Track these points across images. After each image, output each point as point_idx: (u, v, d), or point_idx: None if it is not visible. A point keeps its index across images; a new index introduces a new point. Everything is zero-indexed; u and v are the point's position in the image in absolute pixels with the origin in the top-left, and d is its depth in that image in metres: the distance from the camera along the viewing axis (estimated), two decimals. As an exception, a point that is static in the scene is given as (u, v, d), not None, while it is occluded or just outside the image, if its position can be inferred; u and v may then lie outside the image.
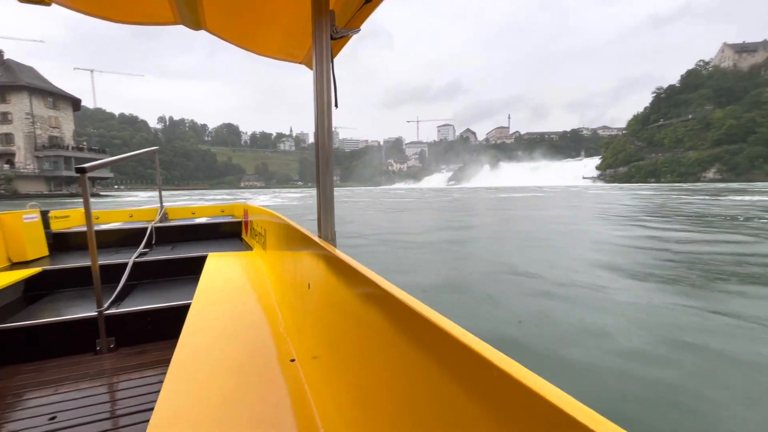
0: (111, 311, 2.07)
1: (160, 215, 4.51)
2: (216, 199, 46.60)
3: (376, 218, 17.32)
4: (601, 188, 71.04)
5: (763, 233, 10.59)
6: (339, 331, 1.03)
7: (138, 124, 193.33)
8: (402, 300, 0.69)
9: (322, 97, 1.40)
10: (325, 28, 1.37)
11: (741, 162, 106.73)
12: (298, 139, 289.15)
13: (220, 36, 1.99)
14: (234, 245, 3.79)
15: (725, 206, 20.71)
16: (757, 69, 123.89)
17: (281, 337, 1.47)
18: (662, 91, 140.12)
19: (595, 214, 17.51)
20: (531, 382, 0.41)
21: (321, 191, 1.46)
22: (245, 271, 2.54)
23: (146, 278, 2.89)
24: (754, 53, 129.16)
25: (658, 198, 29.86)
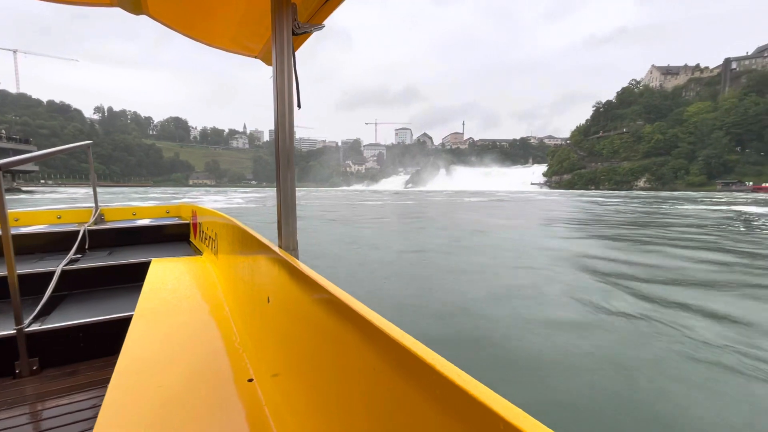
0: (33, 328, 1.84)
1: (94, 216, 4.05)
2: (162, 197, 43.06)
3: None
4: (552, 194, 75.12)
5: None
6: (302, 348, 0.99)
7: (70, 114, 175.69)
8: (366, 317, 0.68)
9: (284, 96, 1.32)
10: (286, 23, 1.30)
11: (666, 173, 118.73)
12: (252, 137, 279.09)
13: (163, 23, 1.78)
14: (181, 249, 3.47)
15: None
16: (679, 90, 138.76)
17: (237, 355, 1.36)
18: (601, 105, 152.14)
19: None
20: (491, 400, 0.43)
21: (282, 197, 1.38)
22: (195, 279, 2.35)
23: (78, 288, 2.59)
24: (676, 75, 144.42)
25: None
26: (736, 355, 3.62)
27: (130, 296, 2.42)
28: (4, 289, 1.86)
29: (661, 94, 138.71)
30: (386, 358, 0.62)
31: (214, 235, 2.84)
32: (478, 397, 0.44)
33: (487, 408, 0.43)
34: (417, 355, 0.54)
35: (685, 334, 4.13)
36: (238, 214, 17.69)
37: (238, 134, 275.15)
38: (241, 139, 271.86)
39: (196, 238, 3.75)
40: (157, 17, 1.73)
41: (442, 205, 27.32)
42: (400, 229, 14.19)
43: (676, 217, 19.81)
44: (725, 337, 4.06)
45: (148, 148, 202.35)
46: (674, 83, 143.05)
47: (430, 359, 0.53)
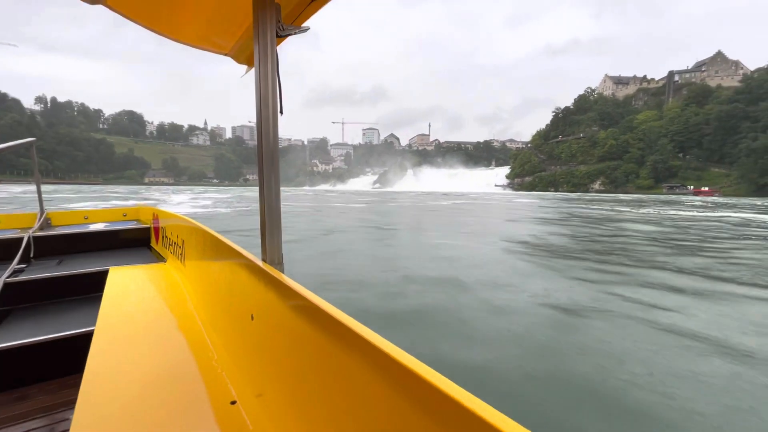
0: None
1: (39, 221, 3.68)
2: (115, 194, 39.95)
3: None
4: (519, 195, 78.35)
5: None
6: (290, 368, 0.95)
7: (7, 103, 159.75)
8: (359, 333, 0.67)
9: (267, 101, 1.25)
10: (270, 24, 1.23)
11: (619, 176, 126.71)
12: (213, 134, 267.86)
13: (122, 14, 1.61)
14: (142, 256, 3.21)
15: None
16: (629, 99, 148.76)
17: (216, 375, 1.27)
18: (560, 111, 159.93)
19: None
20: (493, 417, 0.43)
21: (266, 207, 1.28)
22: (160, 288, 2.20)
23: (23, 303, 2.34)
24: (627, 85, 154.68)
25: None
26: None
27: (84, 310, 2.24)
28: None
29: (614, 102, 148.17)
30: (381, 376, 0.61)
31: (180, 241, 2.62)
32: (475, 410, 0.44)
33: (487, 423, 0.43)
34: (414, 372, 0.54)
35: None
36: (221, 227, 16.54)
37: (199, 130, 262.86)
38: (202, 136, 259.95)
39: (158, 244, 3.47)
40: (116, 8, 1.56)
41: (419, 210, 25.81)
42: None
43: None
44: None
45: (98, 142, 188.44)
46: (625, 92, 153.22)
47: (425, 374, 0.52)
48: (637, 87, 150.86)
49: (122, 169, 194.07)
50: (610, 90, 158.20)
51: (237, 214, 19.96)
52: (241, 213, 20.89)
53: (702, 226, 17.23)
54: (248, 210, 22.24)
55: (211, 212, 21.48)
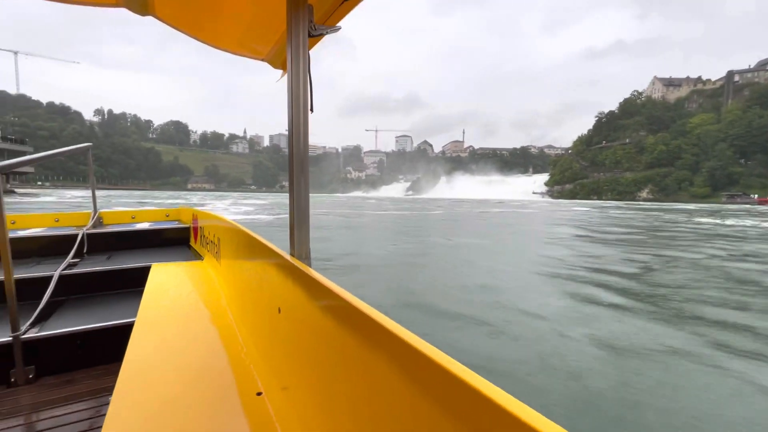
0: (30, 335, 1.78)
1: (93, 220, 3.97)
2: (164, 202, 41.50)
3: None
4: (573, 204, 73.30)
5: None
6: (315, 361, 0.95)
7: (70, 116, 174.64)
8: (387, 327, 0.65)
9: (298, 99, 1.28)
10: (302, 24, 1.25)
11: (670, 184, 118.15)
12: (252, 142, 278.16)
13: (170, 24, 1.75)
14: (181, 254, 3.43)
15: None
16: (681, 102, 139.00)
17: (245, 367, 1.32)
18: (603, 116, 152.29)
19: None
20: (523, 413, 0.41)
21: (295, 204, 1.34)
22: (196, 285, 2.31)
23: (76, 294, 2.52)
24: (679, 87, 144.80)
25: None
26: None
27: (129, 302, 2.37)
28: (1, 294, 1.81)
29: (664, 106, 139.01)
30: (407, 372, 0.60)
31: (216, 240, 2.76)
32: (504, 405, 0.43)
33: (515, 418, 0.41)
34: (444, 368, 0.52)
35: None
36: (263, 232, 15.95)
37: (238, 139, 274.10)
38: (241, 144, 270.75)
39: (196, 243, 3.66)
40: (164, 18, 1.69)
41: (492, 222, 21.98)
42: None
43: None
44: None
45: (147, 151, 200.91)
46: (677, 95, 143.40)
47: (457, 371, 0.51)
48: (691, 89, 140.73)
49: (168, 175, 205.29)
50: (659, 92, 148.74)
51: (282, 224, 18.04)
52: (284, 222, 18.42)
53: None
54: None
55: (252, 219, 20.57)
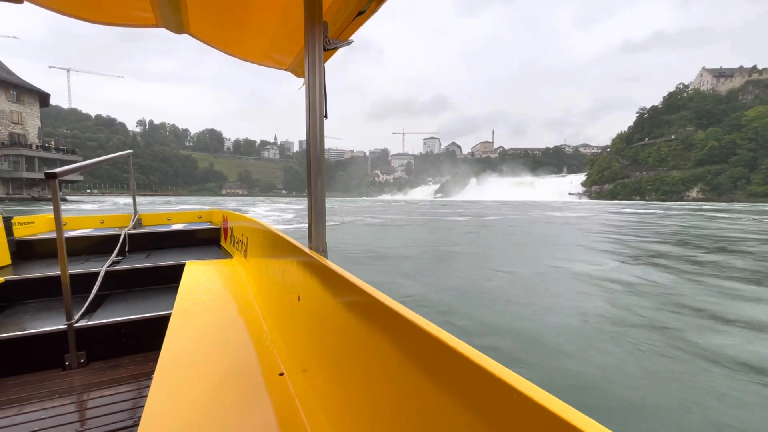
0: (82, 324, 1.95)
1: (133, 221, 4.35)
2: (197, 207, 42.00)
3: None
4: (619, 206, 66.40)
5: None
6: (332, 344, 1.01)
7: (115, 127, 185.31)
8: (398, 311, 0.68)
9: (315, 107, 1.38)
10: (318, 39, 1.36)
11: (723, 182, 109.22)
12: (282, 147, 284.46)
13: (202, 40, 1.94)
14: (212, 253, 3.66)
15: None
16: (734, 93, 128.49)
17: (268, 350, 1.43)
18: (645, 111, 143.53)
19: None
20: (536, 394, 0.41)
21: (312, 201, 1.43)
22: (226, 281, 2.45)
23: (119, 288, 2.75)
24: (731, 78, 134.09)
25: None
26: None
27: (166, 296, 2.56)
28: (55, 287, 2.04)
29: (714, 98, 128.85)
30: (418, 355, 0.62)
31: (244, 239, 2.94)
32: (521, 389, 0.43)
33: (530, 399, 0.41)
34: (455, 350, 0.53)
35: None
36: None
37: (269, 145, 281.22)
38: (272, 150, 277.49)
39: (226, 242, 3.86)
40: (197, 35, 1.89)
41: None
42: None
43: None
44: None
45: (184, 158, 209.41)
46: (728, 86, 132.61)
47: (468, 353, 0.51)
48: (745, 79, 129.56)
49: (204, 182, 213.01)
50: (708, 84, 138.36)
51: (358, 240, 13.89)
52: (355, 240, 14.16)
53: None
54: (349, 227, 17.10)
55: (297, 229, 17.30)
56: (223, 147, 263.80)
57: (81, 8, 1.61)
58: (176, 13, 1.66)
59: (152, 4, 1.59)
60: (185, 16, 1.71)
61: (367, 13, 1.43)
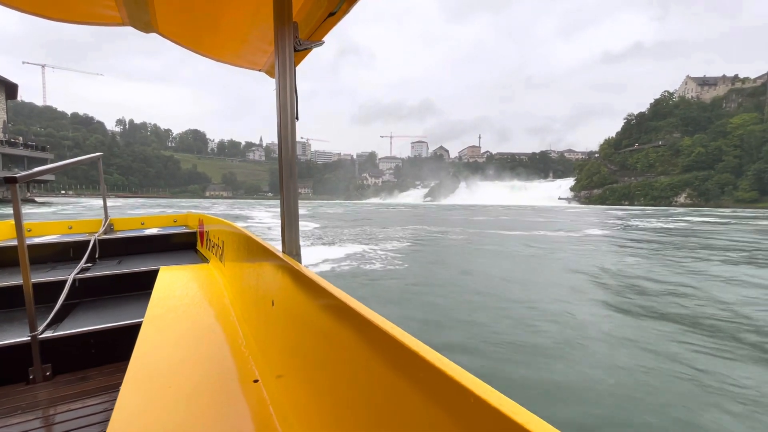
0: (47, 335, 1.87)
1: (104, 226, 4.11)
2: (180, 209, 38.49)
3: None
4: (636, 215, 65.38)
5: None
6: (306, 350, 1.00)
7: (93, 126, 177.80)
8: (369, 318, 0.69)
9: (286, 108, 1.37)
10: (288, 40, 1.35)
11: (711, 188, 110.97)
12: (268, 149, 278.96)
13: (173, 40, 1.91)
14: (188, 257, 3.57)
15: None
16: (718, 101, 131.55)
17: (243, 357, 1.39)
18: (633, 117, 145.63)
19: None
20: (506, 408, 0.42)
21: (285, 204, 1.42)
22: (201, 286, 2.40)
23: (89, 296, 2.65)
24: (714, 86, 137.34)
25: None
26: None
27: (139, 304, 2.47)
28: (19, 297, 1.93)
29: (699, 106, 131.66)
30: (386, 358, 0.63)
31: (220, 243, 2.87)
32: (479, 394, 0.44)
33: (488, 405, 0.42)
34: (417, 354, 0.55)
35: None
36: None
37: (255, 147, 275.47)
38: (258, 152, 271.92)
39: (202, 247, 3.79)
40: (166, 35, 1.86)
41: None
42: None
43: None
44: None
45: (166, 159, 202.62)
46: (712, 94, 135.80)
47: (430, 357, 0.53)
48: (729, 87, 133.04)
49: (187, 183, 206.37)
50: (692, 92, 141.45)
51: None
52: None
53: None
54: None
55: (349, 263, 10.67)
56: (206, 148, 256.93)
57: (44, 6, 1.58)
58: (142, 11, 1.63)
59: (117, 2, 1.55)
60: (152, 15, 1.67)
61: (339, 14, 1.42)
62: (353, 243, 14.74)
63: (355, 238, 16.36)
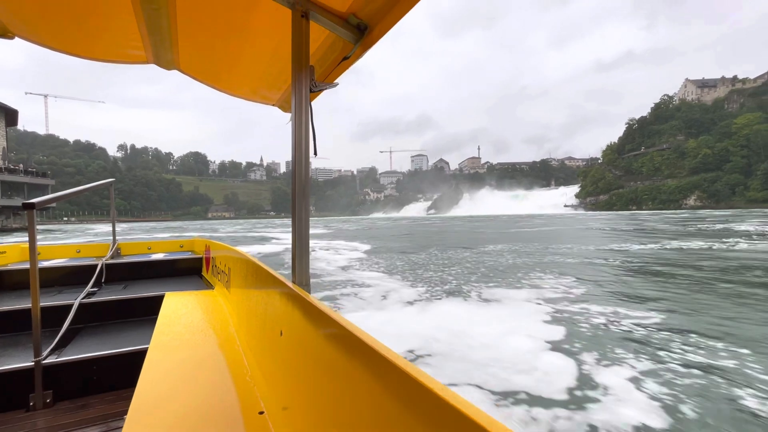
0: (50, 360, 1.85)
1: (112, 251, 4.18)
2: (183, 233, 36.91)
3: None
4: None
5: None
6: (313, 382, 0.99)
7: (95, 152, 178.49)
8: (379, 351, 0.68)
9: (301, 146, 1.43)
10: (305, 83, 1.41)
11: (721, 189, 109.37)
12: (269, 169, 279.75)
13: (192, 76, 2.02)
14: (194, 283, 3.59)
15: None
16: (720, 102, 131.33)
17: (248, 387, 1.38)
18: (634, 122, 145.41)
19: None
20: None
21: (297, 234, 1.44)
22: (206, 312, 2.40)
23: (94, 321, 2.61)
24: (714, 88, 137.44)
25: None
26: None
27: (143, 329, 2.47)
28: (24, 320, 1.92)
29: (701, 108, 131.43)
30: (396, 393, 0.62)
31: (227, 270, 2.88)
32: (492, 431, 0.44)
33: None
34: (429, 389, 0.54)
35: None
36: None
37: (256, 166, 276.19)
38: (259, 171, 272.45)
39: (208, 272, 3.81)
40: (187, 72, 1.99)
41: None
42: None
43: None
44: None
45: (168, 182, 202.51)
46: (713, 96, 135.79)
47: (442, 393, 0.53)
48: (729, 88, 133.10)
49: (189, 205, 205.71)
50: (692, 95, 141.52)
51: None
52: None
53: None
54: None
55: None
56: (208, 170, 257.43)
57: (73, 45, 1.65)
58: (168, 51, 1.71)
59: (144, 43, 1.63)
60: (176, 54, 1.77)
61: (352, 59, 1.50)
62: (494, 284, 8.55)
63: (463, 275, 9.88)
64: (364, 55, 1.50)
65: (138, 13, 1.56)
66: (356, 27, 1.42)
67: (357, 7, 1.36)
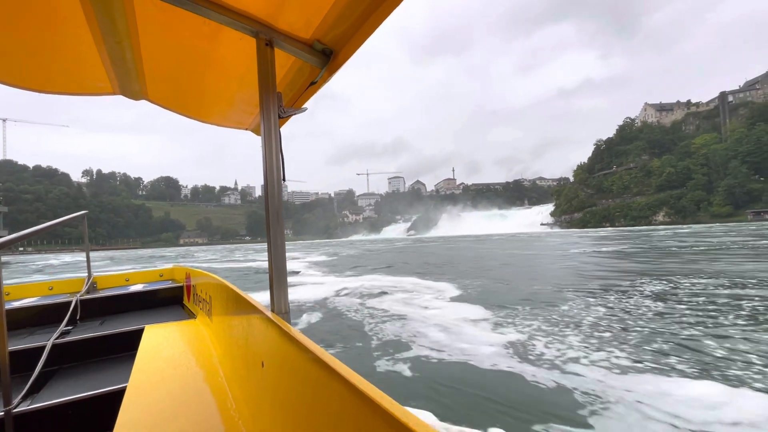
0: (22, 408, 1.72)
1: (87, 285, 3.88)
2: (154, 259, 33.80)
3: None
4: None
5: None
6: (297, 414, 0.97)
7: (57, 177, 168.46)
8: (356, 385, 0.69)
9: (272, 171, 1.42)
10: (273, 109, 1.42)
11: (687, 205, 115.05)
12: (244, 192, 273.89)
13: (161, 105, 2.03)
14: (175, 313, 3.45)
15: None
16: (678, 124, 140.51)
17: (233, 422, 1.35)
18: (602, 143, 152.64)
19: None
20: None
21: (273, 262, 1.41)
22: (189, 344, 2.32)
23: (69, 362, 2.49)
24: (671, 111, 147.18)
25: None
26: None
27: (123, 366, 2.35)
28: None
29: (662, 129, 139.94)
30: (374, 427, 0.63)
31: (208, 298, 2.79)
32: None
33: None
34: (406, 425, 0.55)
35: None
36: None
37: (230, 191, 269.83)
38: (233, 195, 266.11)
39: (189, 301, 3.66)
40: (156, 101, 1.99)
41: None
42: None
43: None
44: None
45: (137, 208, 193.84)
46: (671, 118, 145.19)
47: (420, 429, 0.54)
48: (685, 111, 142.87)
49: (159, 232, 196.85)
50: (652, 117, 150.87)
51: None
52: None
53: None
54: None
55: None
56: (179, 194, 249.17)
57: (34, 80, 1.62)
58: (134, 82, 1.71)
59: (110, 75, 1.62)
60: (143, 85, 1.76)
61: (319, 83, 1.51)
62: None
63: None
64: (333, 79, 1.52)
65: (100, 47, 1.53)
66: (321, 52, 1.44)
67: (321, 33, 1.37)
